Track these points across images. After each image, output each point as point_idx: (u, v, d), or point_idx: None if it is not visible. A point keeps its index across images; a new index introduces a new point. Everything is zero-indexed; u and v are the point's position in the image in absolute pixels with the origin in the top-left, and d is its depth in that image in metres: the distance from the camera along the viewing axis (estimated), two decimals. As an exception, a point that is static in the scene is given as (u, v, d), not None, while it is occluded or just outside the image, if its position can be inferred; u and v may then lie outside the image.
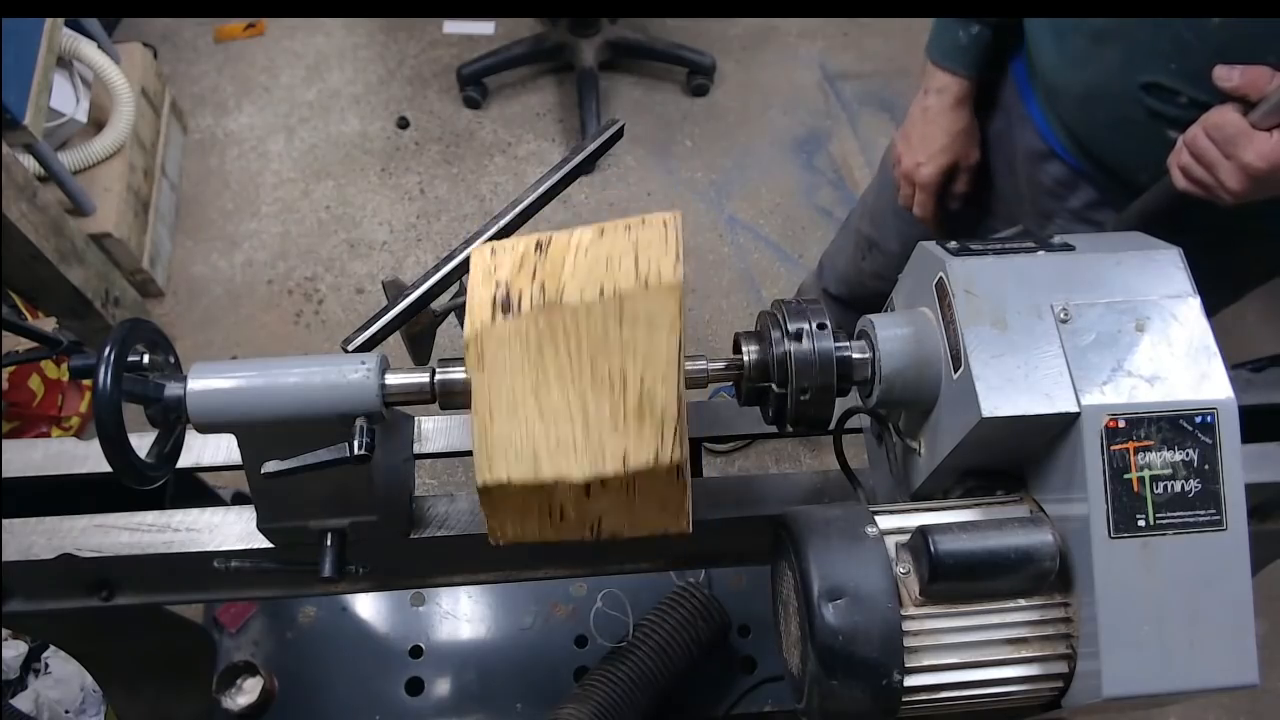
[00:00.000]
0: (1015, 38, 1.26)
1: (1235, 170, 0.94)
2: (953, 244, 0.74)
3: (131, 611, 0.98)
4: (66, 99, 2.24)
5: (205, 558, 0.90)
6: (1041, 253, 0.72)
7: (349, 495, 0.81)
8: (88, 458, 0.97)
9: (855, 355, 0.75)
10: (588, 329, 0.69)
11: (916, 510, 0.72)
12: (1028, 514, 0.71)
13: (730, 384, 0.79)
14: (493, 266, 0.72)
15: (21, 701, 1.68)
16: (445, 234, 2.64)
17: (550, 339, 0.70)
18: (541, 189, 0.90)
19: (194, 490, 1.22)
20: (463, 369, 0.73)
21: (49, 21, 2.03)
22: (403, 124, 2.83)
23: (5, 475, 0.95)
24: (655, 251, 0.71)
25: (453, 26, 3.04)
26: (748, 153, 2.84)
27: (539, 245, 0.73)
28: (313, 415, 0.70)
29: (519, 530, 0.75)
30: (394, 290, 0.85)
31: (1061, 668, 0.68)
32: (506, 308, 0.70)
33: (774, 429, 0.80)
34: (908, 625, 0.65)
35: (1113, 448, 0.65)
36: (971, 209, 1.44)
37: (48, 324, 1.90)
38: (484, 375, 0.70)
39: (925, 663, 0.66)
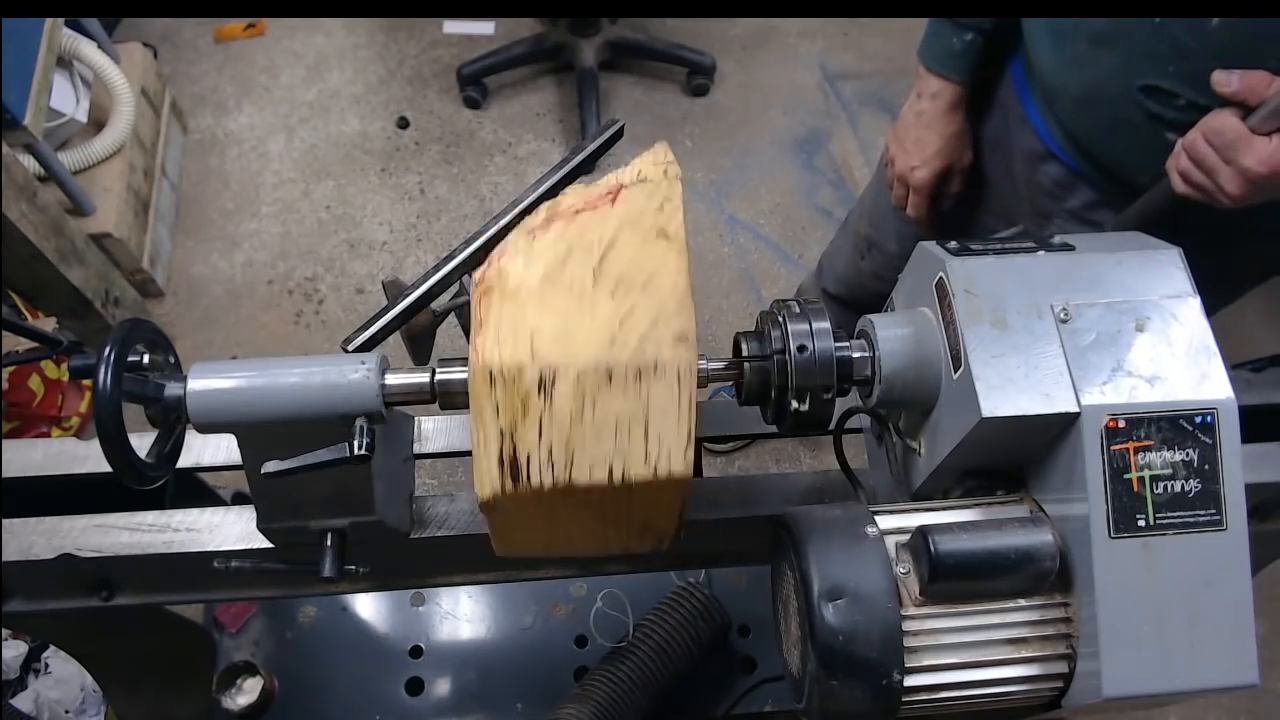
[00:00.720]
0: (1013, 39, 1.26)
1: (1235, 175, 0.94)
2: (953, 244, 0.74)
3: (131, 611, 0.98)
4: (66, 99, 2.24)
5: (205, 558, 0.90)
6: (1041, 253, 0.72)
7: (349, 495, 0.81)
8: (88, 458, 0.97)
9: (855, 355, 0.75)
10: (599, 502, 0.72)
11: (916, 510, 0.72)
12: (1028, 514, 0.71)
13: (730, 384, 0.79)
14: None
15: (21, 701, 1.68)
16: (445, 234, 2.63)
17: (564, 504, 0.72)
18: (541, 189, 0.90)
19: (194, 490, 1.22)
20: (462, 369, 0.73)
21: (49, 21, 2.03)
22: (403, 124, 2.83)
23: (5, 475, 0.95)
24: (667, 426, 0.69)
25: (453, 26, 3.04)
26: (748, 153, 2.83)
27: (541, 385, 0.69)
28: (313, 415, 0.70)
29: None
30: (394, 290, 0.85)
31: (1061, 668, 0.68)
32: (515, 477, 0.70)
33: (774, 429, 0.80)
34: (908, 625, 0.65)
35: (1113, 448, 0.65)
36: (963, 208, 1.44)
37: (48, 324, 1.90)
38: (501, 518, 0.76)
39: (925, 663, 0.66)
